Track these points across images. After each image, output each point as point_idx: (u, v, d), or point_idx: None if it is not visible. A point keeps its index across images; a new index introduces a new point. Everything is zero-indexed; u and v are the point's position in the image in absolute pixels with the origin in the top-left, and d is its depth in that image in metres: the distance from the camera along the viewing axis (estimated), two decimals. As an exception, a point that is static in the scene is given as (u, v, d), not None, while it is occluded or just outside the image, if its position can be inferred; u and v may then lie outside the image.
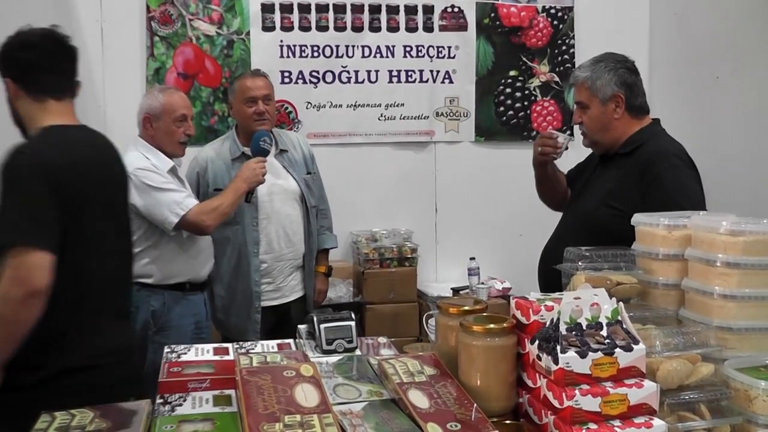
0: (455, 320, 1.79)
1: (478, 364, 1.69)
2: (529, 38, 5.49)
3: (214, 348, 2.03)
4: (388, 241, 5.28)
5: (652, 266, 2.02)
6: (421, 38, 5.38)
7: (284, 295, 3.84)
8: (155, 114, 3.40)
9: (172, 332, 3.33)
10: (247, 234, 3.70)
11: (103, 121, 4.86)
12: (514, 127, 5.51)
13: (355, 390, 1.74)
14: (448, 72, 5.43)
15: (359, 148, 5.41)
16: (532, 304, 1.70)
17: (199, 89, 5.08)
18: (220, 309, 3.78)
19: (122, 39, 4.96)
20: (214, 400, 1.72)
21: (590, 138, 2.92)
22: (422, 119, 5.44)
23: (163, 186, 3.27)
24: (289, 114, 5.22)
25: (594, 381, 1.55)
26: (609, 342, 1.59)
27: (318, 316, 2.09)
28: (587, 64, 2.93)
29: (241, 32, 5.12)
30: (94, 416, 1.57)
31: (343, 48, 5.29)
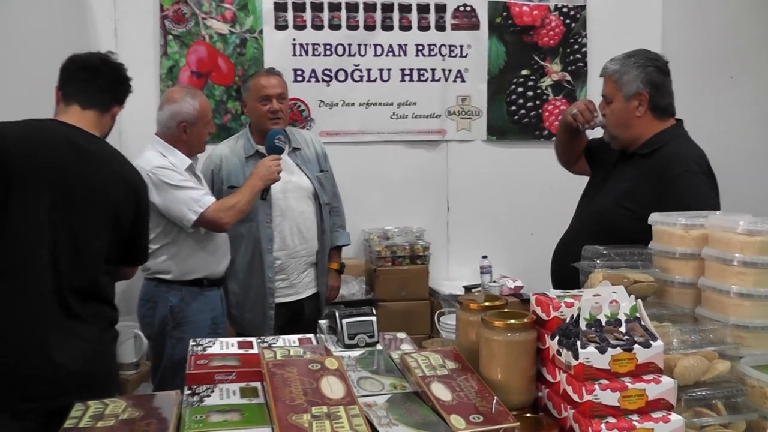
0: (476, 316, 1.85)
1: (499, 358, 1.74)
2: (541, 37, 5.53)
3: (238, 342, 2.08)
4: (400, 239, 5.33)
5: (668, 265, 2.07)
6: (434, 37, 5.42)
7: (297, 292, 3.89)
8: (191, 121, 3.45)
9: (189, 327, 3.38)
10: (261, 230, 3.74)
11: (118, 119, 4.90)
12: (525, 126, 5.55)
13: (378, 383, 1.79)
14: (460, 71, 5.48)
15: (371, 147, 5.46)
16: (552, 300, 1.75)
17: (212, 87, 5.13)
18: (235, 305, 3.83)
19: (136, 37, 5.02)
20: (241, 392, 1.77)
21: (609, 132, 2.92)
22: (434, 118, 5.49)
23: (182, 184, 3.33)
24: (301, 112, 5.27)
25: (613, 376, 1.60)
26: (628, 338, 1.63)
27: (340, 311, 2.14)
28: (620, 57, 2.90)
29: (254, 31, 5.18)
30: (127, 405, 1.62)
31: (355, 46, 5.34)
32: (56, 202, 2.52)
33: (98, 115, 2.74)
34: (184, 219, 3.31)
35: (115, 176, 2.70)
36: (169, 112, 3.44)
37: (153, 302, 3.44)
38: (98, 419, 1.56)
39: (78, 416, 1.58)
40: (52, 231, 2.52)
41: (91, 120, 2.71)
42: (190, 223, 3.31)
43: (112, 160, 2.73)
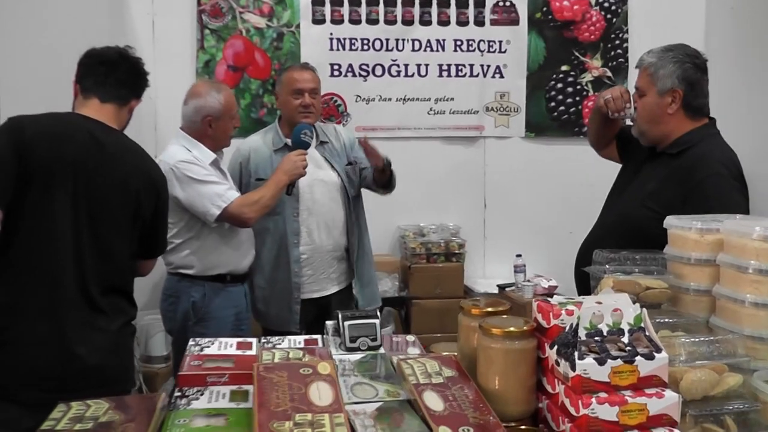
0: (477, 321, 1.77)
1: (497, 367, 1.66)
2: (581, 32, 5.40)
3: (237, 342, 2.03)
4: (435, 236, 5.26)
5: (683, 271, 1.96)
6: (472, 32, 5.34)
7: (324, 288, 3.83)
8: (216, 115, 3.42)
9: (211, 323, 3.35)
10: (287, 225, 3.70)
11: (154, 113, 4.94)
12: (565, 123, 5.44)
13: (373, 389, 1.72)
14: (498, 66, 5.39)
15: (408, 142, 5.40)
16: (553, 307, 1.66)
17: (248, 81, 5.12)
18: (261, 300, 3.79)
19: (173, 32, 5.03)
20: (231, 396, 1.71)
21: (638, 126, 2.79)
22: (472, 114, 5.41)
23: (205, 178, 3.30)
24: (338, 107, 5.22)
25: (613, 389, 1.51)
26: (630, 349, 1.54)
27: (343, 313, 2.08)
28: (658, 50, 2.76)
29: (291, 25, 5.15)
30: (109, 407, 1.58)
31: (393, 41, 5.29)
32: (79, 195, 2.53)
33: (116, 108, 2.73)
34: (207, 214, 3.28)
35: (135, 170, 2.69)
36: (194, 106, 3.41)
37: (175, 297, 3.42)
38: (77, 421, 1.51)
39: (58, 417, 1.53)
40: (74, 224, 2.52)
41: (110, 113, 2.71)
42: (213, 218, 3.27)
43: (132, 153, 2.73)
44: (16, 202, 2.42)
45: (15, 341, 2.46)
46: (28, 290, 2.47)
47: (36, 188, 2.46)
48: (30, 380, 2.44)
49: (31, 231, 2.46)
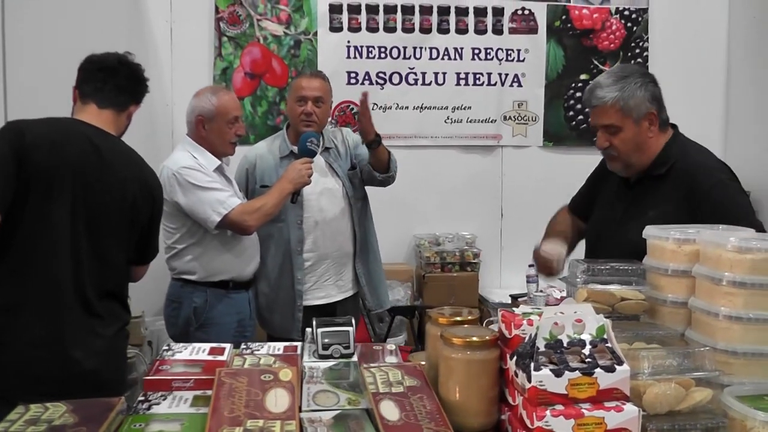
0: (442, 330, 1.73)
1: (457, 377, 1.63)
2: (601, 41, 5.35)
3: (210, 348, 2.01)
4: (450, 245, 5.23)
5: (660, 282, 1.91)
6: (490, 41, 5.31)
7: (329, 295, 3.80)
8: (208, 116, 3.41)
9: (213, 329, 3.34)
10: (291, 232, 3.68)
11: (171, 120, 4.97)
12: (583, 132, 5.37)
13: (335, 397, 1.70)
14: (516, 75, 5.35)
15: (425, 151, 5.38)
16: (515, 317, 1.63)
17: (265, 89, 5.12)
18: (265, 307, 3.78)
19: (191, 39, 5.05)
20: (192, 401, 1.70)
21: (623, 161, 2.64)
22: (489, 123, 5.37)
23: (207, 185, 3.29)
24: (354, 115, 5.20)
25: (570, 402, 1.46)
26: (590, 361, 1.50)
27: (318, 320, 2.06)
28: (609, 82, 2.61)
29: (308, 32, 5.15)
30: (66, 410, 1.57)
31: (410, 49, 5.27)
32: (77, 201, 2.53)
33: (115, 114, 2.74)
34: (208, 220, 3.27)
35: (132, 176, 2.70)
36: (190, 107, 3.44)
37: (178, 302, 3.42)
38: (32, 423, 1.51)
39: (14, 419, 1.53)
40: (72, 229, 2.53)
41: (108, 119, 2.71)
42: (214, 224, 3.27)
43: (128, 159, 2.73)
44: (16, 206, 2.42)
45: (12, 343, 2.47)
46: (26, 293, 2.47)
47: (35, 193, 2.46)
48: (27, 383, 2.44)
49: (30, 235, 2.47)
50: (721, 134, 5.35)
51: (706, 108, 5.33)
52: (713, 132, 5.18)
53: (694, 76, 5.30)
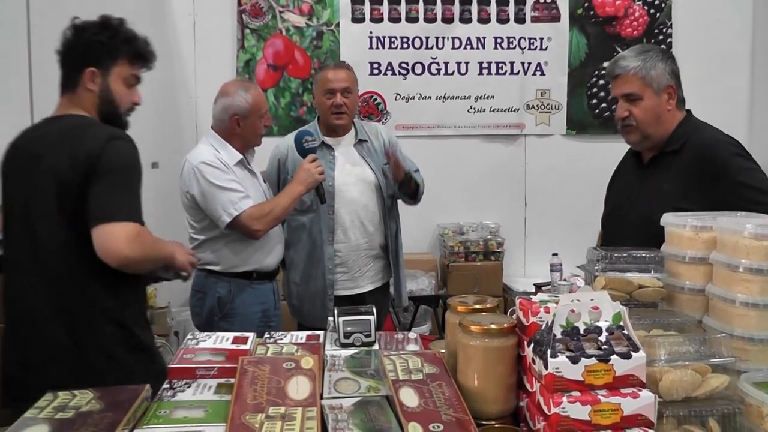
0: (460, 318, 1.76)
1: (476, 364, 1.65)
2: (624, 28, 5.33)
3: (234, 337, 2.05)
4: (474, 235, 5.24)
5: (678, 269, 1.92)
6: (513, 29, 5.30)
7: (359, 285, 3.81)
8: (243, 114, 3.43)
9: (237, 319, 3.37)
10: (322, 222, 3.70)
11: (194, 113, 5.02)
12: (607, 120, 5.36)
13: (355, 385, 1.73)
14: (539, 64, 5.34)
15: (448, 140, 5.40)
16: (533, 304, 1.65)
17: (288, 80, 5.16)
18: (295, 296, 3.81)
19: (213, 32, 5.10)
20: (216, 388, 1.73)
21: (641, 132, 2.70)
22: (512, 112, 5.37)
23: (223, 184, 3.31)
24: (377, 105, 5.23)
25: (587, 388, 1.48)
26: (606, 348, 1.51)
27: (339, 309, 2.09)
28: (632, 54, 2.72)
29: (330, 23, 5.17)
30: (93, 397, 1.61)
31: (432, 39, 5.28)
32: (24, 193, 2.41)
33: (68, 95, 2.51)
34: (219, 220, 3.30)
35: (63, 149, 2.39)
36: (222, 105, 3.43)
37: (202, 293, 3.45)
38: (60, 410, 1.55)
39: (42, 406, 1.57)
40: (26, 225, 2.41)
41: (64, 104, 2.52)
42: (224, 224, 3.30)
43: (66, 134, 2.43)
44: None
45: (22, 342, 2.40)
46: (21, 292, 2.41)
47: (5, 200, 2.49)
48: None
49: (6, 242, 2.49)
50: (746, 122, 5.31)
51: (730, 95, 5.29)
52: (737, 120, 5.14)
53: (718, 63, 5.27)
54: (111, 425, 1.48)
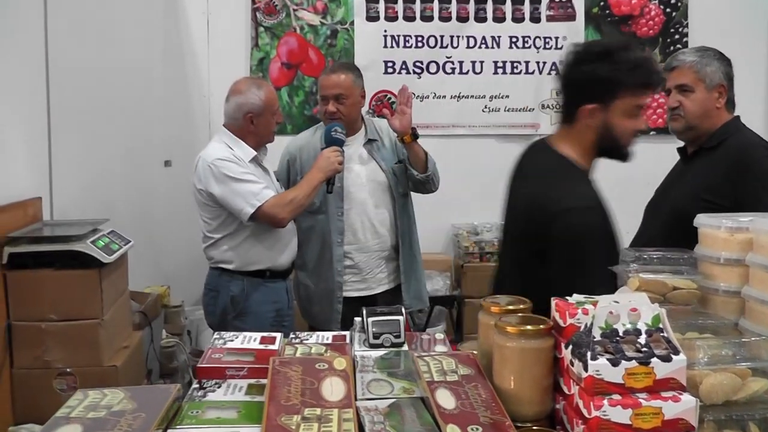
0: (494, 319, 1.74)
1: (512, 366, 1.64)
2: (639, 27, 5.33)
3: (261, 337, 2.04)
4: (489, 235, 5.23)
5: (713, 271, 1.90)
6: (528, 29, 5.30)
7: (370, 287, 3.80)
8: (257, 112, 3.44)
9: (250, 318, 3.38)
10: (331, 223, 3.69)
11: (208, 111, 5.02)
12: (623, 121, 5.33)
13: (389, 386, 1.72)
14: (555, 63, 5.33)
15: (462, 140, 5.40)
16: (570, 306, 1.63)
17: (302, 79, 5.15)
18: (305, 297, 3.81)
19: (227, 30, 5.11)
20: (247, 389, 1.73)
21: (687, 123, 2.87)
22: (527, 111, 5.37)
23: (241, 177, 3.32)
24: (392, 104, 5.22)
25: (627, 391, 1.47)
26: (646, 351, 1.50)
27: (368, 309, 2.08)
28: (691, 51, 2.95)
29: (345, 22, 5.17)
30: (124, 397, 1.60)
31: (447, 38, 5.28)
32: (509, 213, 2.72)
33: (565, 127, 2.45)
34: (241, 212, 3.30)
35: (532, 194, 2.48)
36: (235, 103, 3.44)
37: (215, 291, 3.46)
38: (91, 410, 1.54)
39: (74, 405, 1.56)
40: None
41: (561, 133, 2.49)
42: (247, 216, 3.30)
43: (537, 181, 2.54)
44: None
45: None
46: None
47: None
48: None
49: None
50: (764, 120, 5.29)
51: (747, 94, 5.23)
52: (755, 118, 5.10)
53: (735, 62, 5.22)
54: (145, 425, 1.47)
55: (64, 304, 2.96)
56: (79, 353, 2.96)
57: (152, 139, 4.77)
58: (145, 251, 4.03)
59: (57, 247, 2.96)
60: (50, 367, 2.94)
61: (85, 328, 2.97)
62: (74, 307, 2.97)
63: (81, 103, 3.76)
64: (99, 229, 3.20)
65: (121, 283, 3.31)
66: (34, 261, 2.94)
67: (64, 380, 2.95)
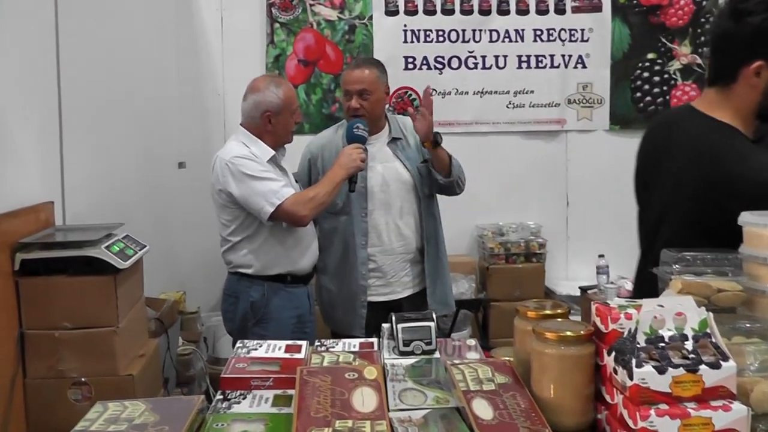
0: (532, 325, 1.72)
1: (551, 374, 1.61)
2: (668, 17, 5.28)
3: (286, 345, 2.02)
4: (515, 236, 5.21)
5: (759, 272, 1.86)
6: (553, 21, 5.27)
7: (395, 291, 3.77)
8: (276, 110, 3.42)
9: (271, 324, 3.36)
10: (355, 224, 3.66)
11: (222, 109, 5.02)
12: (652, 115, 5.33)
13: (422, 396, 1.69)
14: (581, 56, 5.31)
15: (486, 137, 5.38)
16: (612, 310, 1.60)
17: (319, 76, 5.14)
18: (327, 302, 3.78)
19: (242, 27, 5.10)
20: (273, 400, 1.71)
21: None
22: (553, 107, 5.34)
23: (260, 175, 3.30)
24: (412, 101, 5.21)
25: (674, 401, 1.44)
26: (694, 357, 1.47)
27: (397, 315, 2.06)
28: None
29: (363, 17, 5.15)
30: (145, 409, 1.59)
31: (469, 32, 5.26)
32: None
33: (718, 89, 2.26)
34: (261, 211, 3.28)
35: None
36: (253, 101, 3.42)
37: (235, 297, 3.45)
38: (112, 422, 1.53)
39: (93, 418, 1.55)
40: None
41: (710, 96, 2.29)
42: (267, 215, 3.28)
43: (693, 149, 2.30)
44: None
45: None
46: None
47: None
48: None
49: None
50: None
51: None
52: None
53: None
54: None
55: (78, 311, 2.94)
56: (94, 362, 2.95)
57: (166, 140, 4.77)
58: (159, 256, 4.02)
59: (70, 253, 2.95)
60: (64, 377, 2.93)
61: (100, 336, 2.96)
62: (89, 315, 2.95)
63: (93, 104, 3.76)
64: (113, 234, 3.19)
65: (136, 290, 3.31)
66: (46, 267, 2.93)
67: (78, 390, 2.94)
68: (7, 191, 2.96)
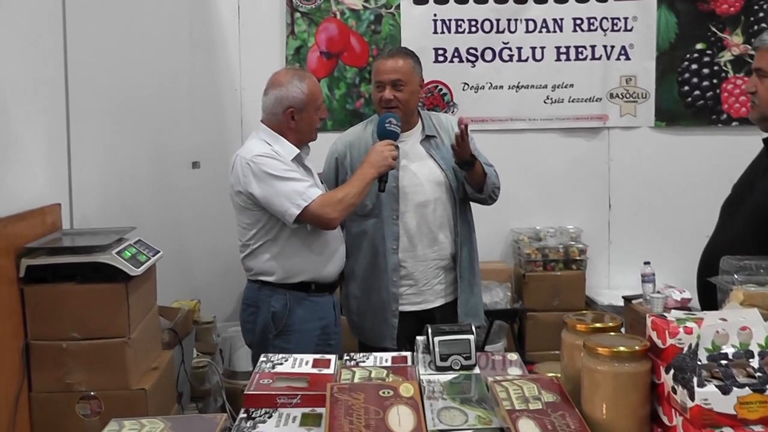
0: (582, 339, 1.70)
1: (604, 392, 1.59)
2: (719, 4, 5.25)
3: (314, 360, 2.02)
4: (553, 241, 5.19)
5: (831, 282, 1.85)
6: (594, 9, 5.24)
7: (427, 300, 3.74)
8: (299, 106, 3.40)
9: (293, 337, 3.34)
10: (385, 228, 3.64)
11: (239, 105, 5.02)
12: (700, 110, 5.29)
13: (462, 415, 1.68)
14: (624, 47, 5.28)
15: (522, 135, 5.36)
16: (669, 324, 1.58)
17: (343, 69, 5.14)
18: (356, 311, 3.76)
19: (260, 17, 5.11)
20: (301, 419, 1.70)
21: (760, 111, 2.71)
22: (594, 102, 5.32)
23: (285, 174, 3.28)
24: (443, 96, 5.20)
25: (740, 423, 1.42)
26: (761, 376, 1.45)
27: (434, 327, 2.04)
28: None
29: (390, 6, 5.15)
30: (164, 427, 1.59)
31: (504, 22, 5.24)
32: None
33: None
34: (285, 214, 3.26)
35: None
36: (275, 97, 3.41)
37: (255, 307, 3.42)
38: (131, 442, 1.53)
39: (110, 438, 1.56)
40: None
41: None
42: (293, 218, 3.26)
43: None
44: None
45: None
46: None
47: None
48: None
49: None
50: None
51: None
52: None
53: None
54: (193, 460, 1.46)
55: (87, 321, 2.96)
56: (104, 375, 2.97)
57: (179, 138, 4.78)
58: (172, 262, 4.01)
59: (79, 259, 2.96)
60: (72, 391, 2.95)
61: (111, 347, 2.97)
62: (98, 325, 2.97)
63: (101, 100, 3.78)
64: (125, 239, 3.20)
65: (149, 298, 3.31)
66: (53, 274, 2.95)
67: (87, 405, 2.95)
68: (11, 193, 2.97)
